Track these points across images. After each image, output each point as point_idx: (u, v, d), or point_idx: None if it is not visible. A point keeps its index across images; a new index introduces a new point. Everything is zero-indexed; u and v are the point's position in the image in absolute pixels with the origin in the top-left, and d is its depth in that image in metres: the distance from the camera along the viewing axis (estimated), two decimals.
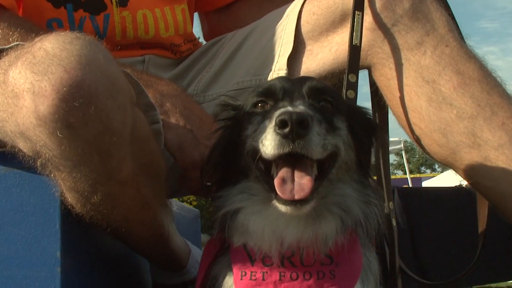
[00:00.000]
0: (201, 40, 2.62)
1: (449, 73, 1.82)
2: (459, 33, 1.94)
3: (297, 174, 1.29)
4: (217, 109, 1.62)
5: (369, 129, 1.55)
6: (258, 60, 2.13)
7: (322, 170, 1.37)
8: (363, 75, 2.03)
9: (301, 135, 1.24)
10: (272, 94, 1.44)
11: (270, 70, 2.06)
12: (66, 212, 1.55)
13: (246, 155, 1.41)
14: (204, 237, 3.67)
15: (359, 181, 1.45)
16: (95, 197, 1.45)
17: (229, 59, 2.24)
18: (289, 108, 1.31)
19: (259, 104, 1.45)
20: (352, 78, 1.87)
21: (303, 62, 2.06)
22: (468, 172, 1.84)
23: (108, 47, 1.43)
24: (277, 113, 1.28)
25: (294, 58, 2.05)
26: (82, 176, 1.39)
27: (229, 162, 1.48)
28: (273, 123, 1.27)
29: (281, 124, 1.24)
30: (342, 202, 1.39)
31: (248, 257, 1.41)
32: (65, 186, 1.48)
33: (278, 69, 2.04)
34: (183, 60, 2.41)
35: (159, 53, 2.34)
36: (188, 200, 7.41)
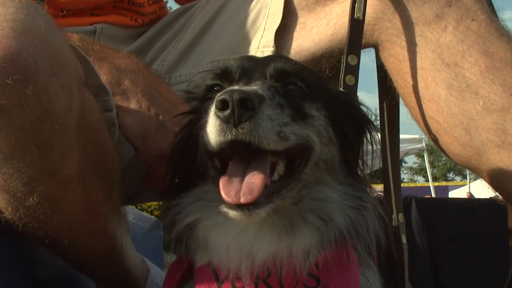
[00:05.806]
0: (171, 5, 2.64)
1: (475, 54, 1.86)
2: (490, 4, 1.97)
3: (249, 172, 1.34)
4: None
5: (358, 122, 1.58)
6: (238, 35, 2.17)
7: (292, 169, 1.41)
8: (368, 55, 2.07)
9: (246, 118, 1.27)
10: (228, 76, 1.49)
11: (253, 48, 2.10)
12: None
13: (202, 151, 1.45)
14: (168, 257, 3.69)
15: (347, 183, 1.49)
16: (31, 199, 1.47)
17: (201, 32, 2.27)
18: (235, 87, 1.34)
19: (215, 89, 1.50)
20: (352, 60, 1.91)
21: (294, 38, 2.10)
22: (496, 178, 1.89)
23: (50, 12, 1.46)
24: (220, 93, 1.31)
25: (283, 32, 2.10)
26: (14, 172, 1.41)
27: (187, 162, 1.52)
28: (214, 105, 1.31)
29: (221, 105, 1.28)
30: (322, 208, 1.44)
31: (215, 278, 1.45)
32: None
33: (263, 45, 2.09)
34: (145, 31, 2.44)
35: (115, 21, 2.36)
36: (149, 209, 7.42)
